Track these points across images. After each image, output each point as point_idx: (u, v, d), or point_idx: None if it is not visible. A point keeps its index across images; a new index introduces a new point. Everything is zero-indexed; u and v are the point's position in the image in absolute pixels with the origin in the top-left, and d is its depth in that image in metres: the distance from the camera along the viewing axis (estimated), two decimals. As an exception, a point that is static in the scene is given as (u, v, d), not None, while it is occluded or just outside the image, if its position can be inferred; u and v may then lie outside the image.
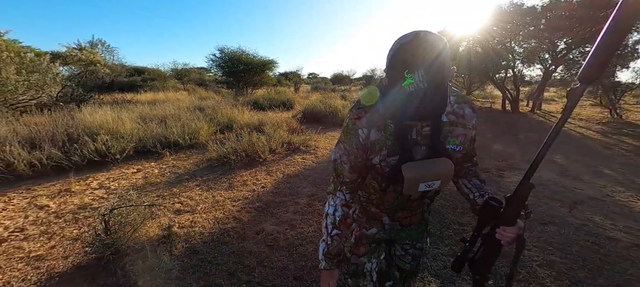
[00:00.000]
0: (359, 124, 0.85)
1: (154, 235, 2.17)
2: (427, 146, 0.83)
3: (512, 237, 0.77)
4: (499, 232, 0.80)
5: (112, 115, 4.82)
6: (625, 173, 4.00)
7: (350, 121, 0.88)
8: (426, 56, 0.67)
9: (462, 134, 0.84)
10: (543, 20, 8.77)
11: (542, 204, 2.83)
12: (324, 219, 0.97)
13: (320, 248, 0.94)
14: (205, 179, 3.38)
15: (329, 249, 0.92)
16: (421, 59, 0.67)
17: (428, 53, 0.67)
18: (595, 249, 2.06)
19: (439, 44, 0.68)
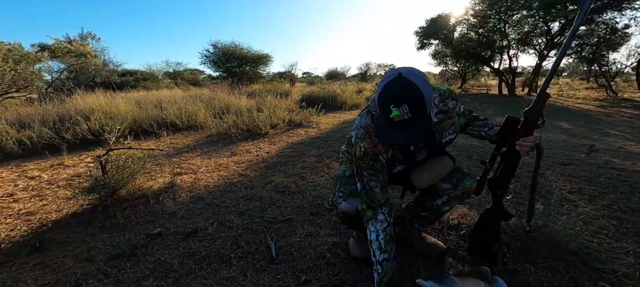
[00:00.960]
0: (377, 150, 0.91)
1: (156, 187, 2.01)
2: (426, 148, 1.00)
3: (531, 144, 0.90)
4: (519, 143, 0.92)
5: (105, 100, 4.64)
6: (632, 132, 3.96)
7: (368, 149, 0.90)
8: (409, 94, 0.72)
9: (452, 124, 1.00)
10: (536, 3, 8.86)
11: (557, 152, 2.75)
12: (369, 247, 0.95)
13: (375, 280, 0.89)
14: (206, 150, 3.22)
15: (381, 278, 0.87)
16: (404, 97, 0.72)
17: (410, 92, 0.72)
18: (623, 179, 1.97)
19: (420, 83, 0.74)
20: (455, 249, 1.25)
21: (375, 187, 0.93)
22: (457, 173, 1.07)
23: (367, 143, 0.91)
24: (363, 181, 0.95)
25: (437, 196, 1.09)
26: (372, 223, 0.94)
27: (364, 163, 0.93)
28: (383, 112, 0.77)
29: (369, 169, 0.93)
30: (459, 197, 1.08)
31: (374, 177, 0.93)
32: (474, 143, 3.08)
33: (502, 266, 1.12)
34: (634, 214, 1.50)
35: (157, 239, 1.40)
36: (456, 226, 1.42)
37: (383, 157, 0.94)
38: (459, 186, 1.05)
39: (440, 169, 0.99)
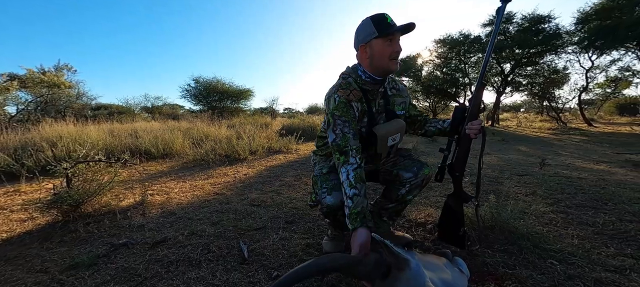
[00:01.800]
0: (351, 99, 1.05)
1: (125, 204, 1.93)
2: (385, 113, 1.15)
3: (478, 127, 1.06)
4: (468, 127, 1.06)
5: (75, 128, 4.46)
6: (580, 152, 4.43)
7: (343, 98, 1.05)
8: None
9: (402, 102, 1.20)
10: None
11: (516, 167, 3.01)
12: (341, 189, 1.02)
13: (346, 212, 0.96)
14: (181, 175, 3.15)
15: (350, 211, 0.94)
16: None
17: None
18: (569, 183, 2.20)
19: None
20: (422, 242, 1.31)
21: (348, 134, 1.01)
22: (417, 163, 1.19)
23: (342, 93, 1.05)
24: (336, 131, 1.03)
25: (401, 185, 1.19)
26: (344, 166, 0.99)
27: (338, 112, 1.03)
28: (379, 19, 0.98)
29: (342, 117, 1.02)
30: (420, 185, 1.18)
31: (348, 124, 1.02)
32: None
33: (467, 248, 1.19)
34: (578, 209, 1.67)
35: (121, 248, 1.33)
36: (423, 223, 1.50)
37: (355, 106, 1.05)
38: (419, 174, 1.16)
39: (393, 125, 1.12)
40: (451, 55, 10.86)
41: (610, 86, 12.78)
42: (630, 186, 2.13)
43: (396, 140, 1.14)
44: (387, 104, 1.15)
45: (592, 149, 4.87)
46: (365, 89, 1.08)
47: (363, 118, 1.10)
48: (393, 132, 1.11)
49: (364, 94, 1.08)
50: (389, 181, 1.26)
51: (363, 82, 1.07)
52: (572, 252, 1.16)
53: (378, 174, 1.29)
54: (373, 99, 1.11)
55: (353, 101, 1.05)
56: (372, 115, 1.11)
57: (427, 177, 1.19)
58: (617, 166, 3.18)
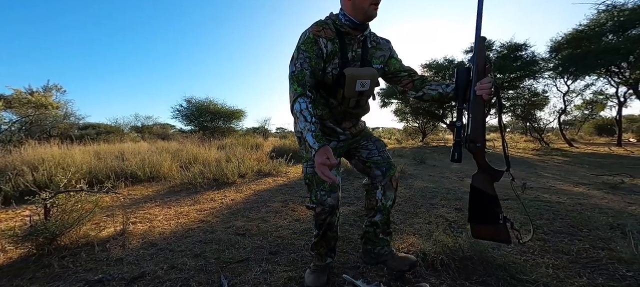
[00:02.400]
0: (320, 35, 1.09)
1: (105, 235, 1.87)
2: (360, 62, 1.16)
3: (489, 85, 0.95)
4: (479, 88, 0.96)
5: (59, 151, 4.36)
6: (561, 174, 4.59)
7: (311, 33, 1.09)
8: None
9: (381, 55, 1.20)
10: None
11: (499, 191, 3.08)
12: (299, 115, 1.04)
13: (309, 136, 0.98)
14: (167, 200, 3.09)
15: (315, 133, 0.98)
16: None
17: None
18: (548, 208, 2.27)
19: None
20: (428, 259, 1.34)
21: (305, 69, 1.06)
22: (386, 162, 1.26)
23: (314, 29, 1.09)
24: (296, 64, 1.08)
25: (374, 186, 1.25)
26: (302, 97, 1.04)
27: (304, 46, 1.08)
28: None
29: (305, 52, 1.07)
30: (391, 187, 1.25)
31: (307, 60, 1.07)
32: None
33: (517, 239, 1.07)
34: (555, 235, 1.72)
35: (97, 285, 1.28)
36: (406, 252, 1.51)
37: (323, 42, 1.09)
38: (386, 174, 1.23)
39: (364, 70, 1.11)
40: (437, 78, 11.30)
41: (587, 108, 13.49)
42: (604, 210, 2.22)
43: (365, 86, 1.11)
44: (364, 55, 1.15)
45: (573, 170, 5.06)
46: (342, 32, 1.11)
47: (333, 58, 1.10)
48: (363, 76, 1.09)
49: (340, 37, 1.10)
50: (362, 169, 1.32)
51: (341, 25, 1.10)
52: (547, 283, 1.20)
53: (352, 154, 1.33)
54: (350, 44, 1.13)
55: (322, 37, 1.08)
56: (346, 59, 1.11)
57: (395, 178, 1.25)
58: (595, 188, 3.31)
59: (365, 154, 1.28)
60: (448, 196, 2.77)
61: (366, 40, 1.16)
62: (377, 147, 1.29)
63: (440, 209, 2.35)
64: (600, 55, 7.22)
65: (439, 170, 5.01)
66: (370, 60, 1.17)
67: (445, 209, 2.35)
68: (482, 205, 1.00)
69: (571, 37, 8.51)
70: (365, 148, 1.29)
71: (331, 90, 1.15)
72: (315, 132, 0.96)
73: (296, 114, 1.03)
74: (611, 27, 7.35)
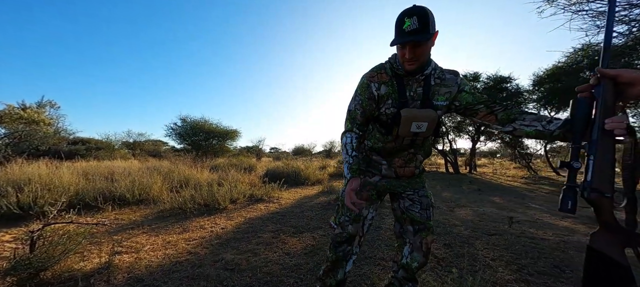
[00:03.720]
0: (372, 81, 1.17)
1: (89, 268, 1.82)
2: (420, 102, 1.13)
3: (624, 123, 0.71)
4: (608, 122, 0.72)
5: (47, 170, 4.27)
6: (548, 206, 4.70)
7: (366, 79, 1.20)
8: (419, 10, 0.99)
9: (446, 92, 1.14)
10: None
11: (488, 224, 3.14)
12: (343, 148, 1.21)
13: (345, 167, 1.15)
14: (155, 226, 3.03)
15: (351, 165, 1.14)
16: (415, 11, 0.98)
17: (420, 9, 0.99)
18: (533, 246, 2.32)
19: (428, 9, 1.00)
20: None
21: (358, 110, 1.20)
22: (424, 223, 1.21)
23: (368, 75, 1.18)
24: (352, 105, 1.22)
25: (403, 242, 1.26)
26: (350, 132, 1.20)
27: (359, 90, 1.19)
28: (398, 24, 1.00)
29: (360, 96, 1.19)
30: (420, 249, 1.19)
31: (361, 103, 1.19)
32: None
33: None
34: (539, 276, 1.76)
35: (78, 328, 1.25)
36: (394, 295, 1.52)
37: (375, 87, 1.16)
38: (417, 234, 1.20)
39: (422, 112, 1.10)
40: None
41: (571, 138, 13.95)
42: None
43: (421, 128, 1.11)
44: (426, 93, 1.12)
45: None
46: (399, 75, 1.13)
47: (387, 100, 1.14)
48: (420, 118, 1.09)
49: (397, 79, 1.13)
50: (398, 217, 1.31)
51: (397, 68, 1.12)
52: (530, 330, 1.22)
53: (395, 198, 1.30)
54: (408, 85, 1.13)
55: (374, 83, 1.16)
56: (405, 98, 1.13)
57: (427, 242, 1.19)
58: (580, 222, 3.40)
59: (407, 205, 1.25)
60: (438, 230, 2.81)
61: (429, 78, 1.13)
62: (421, 203, 1.24)
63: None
64: (580, 90, 7.62)
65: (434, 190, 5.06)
66: (433, 99, 1.13)
67: (434, 244, 2.38)
68: (608, 279, 0.70)
69: (551, 72, 9.02)
70: (409, 198, 1.25)
71: (388, 127, 1.18)
72: (351, 165, 1.13)
73: (342, 145, 1.21)
74: (587, 64, 7.84)
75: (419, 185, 1.27)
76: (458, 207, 4.32)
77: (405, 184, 1.26)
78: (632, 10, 2.74)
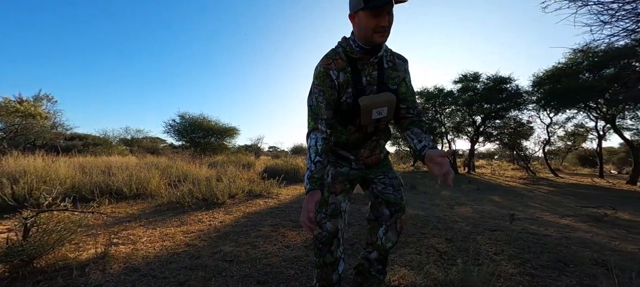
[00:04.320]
0: (330, 68, 1.09)
1: (84, 258, 1.78)
2: (376, 85, 1.10)
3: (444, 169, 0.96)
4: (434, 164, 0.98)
5: (42, 163, 4.21)
6: (547, 205, 4.69)
7: (322, 66, 1.11)
8: None
9: (396, 76, 1.13)
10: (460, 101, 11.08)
11: (488, 221, 3.12)
12: (307, 150, 1.08)
13: (306, 176, 1.01)
14: (152, 220, 2.98)
15: (312, 174, 1.00)
16: None
17: None
18: (536, 241, 2.30)
19: None
20: None
21: (321, 103, 1.06)
22: (398, 204, 1.21)
23: (324, 62, 1.08)
24: (312, 98, 1.08)
25: (378, 223, 1.23)
26: (314, 133, 1.05)
27: (317, 80, 1.08)
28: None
29: (319, 85, 1.07)
30: (395, 229, 1.20)
31: (322, 94, 1.07)
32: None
33: None
34: (543, 270, 1.74)
35: (72, 315, 1.21)
36: (396, 286, 1.50)
37: (334, 74, 1.07)
38: (394, 215, 1.20)
39: (381, 97, 1.07)
40: (428, 105, 11.70)
41: (570, 139, 14.06)
42: (589, 245, 2.27)
43: (382, 113, 1.08)
44: (381, 77, 1.09)
45: (558, 201, 5.18)
46: (353, 58, 1.07)
47: (346, 88, 1.08)
48: (379, 104, 1.06)
49: (352, 63, 1.07)
50: (372, 203, 1.28)
51: (351, 51, 1.06)
52: (536, 321, 1.20)
53: (368, 184, 1.27)
54: (363, 69, 1.08)
55: (332, 70, 1.07)
56: (361, 85, 1.08)
57: (402, 221, 1.21)
58: (580, 220, 3.39)
59: (380, 188, 1.23)
60: (439, 226, 2.78)
61: (382, 60, 1.10)
62: (393, 185, 1.23)
63: (431, 239, 2.35)
64: (578, 91, 7.68)
65: (429, 197, 5.05)
66: (387, 82, 1.11)
67: (436, 239, 2.35)
68: None
69: (551, 73, 9.05)
70: (381, 182, 1.24)
71: (348, 118, 1.14)
72: (313, 173, 0.99)
73: (307, 148, 1.08)
74: (587, 66, 7.88)
75: (387, 167, 1.28)
76: (457, 205, 4.30)
77: (376, 169, 1.26)
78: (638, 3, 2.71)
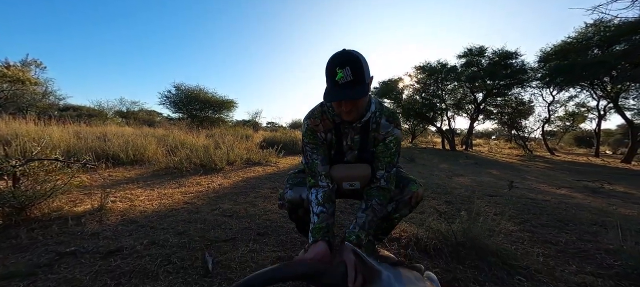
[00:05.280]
0: (318, 130, 1.06)
1: (80, 210, 1.75)
2: (357, 151, 1.07)
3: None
4: None
5: (35, 127, 4.11)
6: (544, 178, 4.73)
7: (309, 126, 1.07)
8: (351, 58, 0.86)
9: (378, 137, 1.06)
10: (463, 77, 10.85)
11: (487, 188, 3.13)
12: (309, 205, 1.03)
13: (310, 227, 0.96)
14: (150, 183, 2.95)
15: (314, 225, 0.95)
16: (347, 60, 0.86)
17: (351, 57, 0.87)
18: (534, 205, 2.31)
19: (359, 55, 0.89)
20: (404, 260, 1.29)
21: (316, 160, 1.05)
22: (403, 179, 1.14)
23: (311, 122, 1.06)
24: (306, 156, 1.07)
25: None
26: (314, 188, 1.03)
27: (307, 138, 1.06)
28: (329, 75, 0.88)
29: (310, 143, 1.06)
30: (408, 203, 1.11)
31: (315, 151, 1.05)
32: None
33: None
34: (542, 228, 1.74)
35: (68, 257, 1.19)
36: (397, 238, 1.49)
37: (321, 135, 1.06)
38: (405, 190, 1.11)
39: (354, 171, 1.05)
40: (430, 81, 11.47)
41: (568, 120, 14.04)
42: (588, 208, 2.28)
43: (354, 185, 1.06)
44: (364, 142, 1.05)
45: (554, 175, 5.23)
46: (337, 122, 1.04)
47: (332, 148, 1.09)
48: (351, 177, 1.05)
49: (336, 127, 1.05)
50: None
51: (333, 116, 1.03)
52: (538, 269, 1.20)
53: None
54: (346, 133, 1.06)
55: (320, 131, 1.06)
56: (341, 149, 1.07)
57: (415, 194, 1.10)
58: (577, 191, 3.41)
59: None
60: (438, 190, 2.78)
61: (367, 124, 1.04)
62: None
63: (431, 201, 2.35)
64: (586, 67, 7.50)
65: (428, 169, 5.06)
66: (371, 147, 1.07)
67: (436, 201, 2.35)
68: None
69: (559, 48, 8.79)
70: None
71: None
72: (315, 224, 0.95)
73: (309, 202, 1.03)
74: (597, 41, 7.64)
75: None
76: (456, 176, 4.32)
77: None
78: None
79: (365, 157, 1.07)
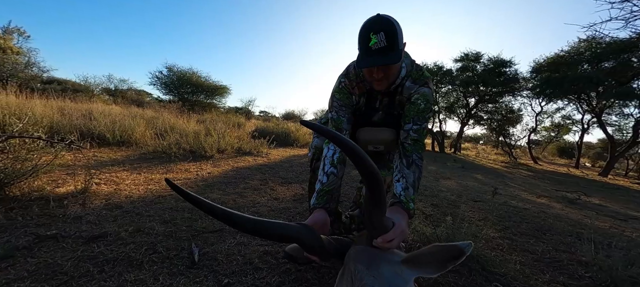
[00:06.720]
0: (353, 92, 1.08)
1: (62, 192, 1.70)
2: (384, 113, 1.11)
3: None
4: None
5: (16, 100, 3.92)
6: (526, 186, 4.90)
7: (345, 85, 1.08)
8: (386, 23, 0.85)
9: (403, 99, 1.07)
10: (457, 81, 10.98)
11: (472, 193, 3.22)
12: (322, 160, 1.04)
13: (316, 187, 0.98)
14: (136, 166, 2.88)
15: (322, 187, 0.96)
16: (382, 25, 0.85)
17: (387, 22, 0.85)
18: (516, 212, 2.40)
19: (394, 20, 0.88)
20: (406, 247, 1.32)
21: (342, 117, 1.08)
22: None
23: (347, 82, 1.08)
24: (333, 111, 1.10)
25: None
26: (333, 145, 1.04)
27: (339, 95, 1.08)
28: (362, 41, 0.87)
29: (340, 100, 1.08)
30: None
31: (343, 109, 1.08)
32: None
33: None
34: (522, 236, 1.81)
35: (49, 241, 1.16)
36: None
37: (356, 98, 1.10)
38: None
39: (379, 135, 1.11)
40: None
41: (554, 130, 14.49)
42: (565, 219, 2.38)
43: (379, 148, 1.14)
44: (391, 106, 1.09)
45: (536, 184, 5.42)
46: (368, 88, 1.08)
47: (360, 110, 1.13)
48: (376, 142, 1.12)
49: (369, 91, 1.08)
50: None
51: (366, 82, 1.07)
52: (514, 276, 1.25)
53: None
54: (376, 98, 1.10)
55: (355, 94, 1.08)
56: (370, 110, 1.11)
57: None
58: (555, 201, 3.55)
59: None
60: (425, 193, 2.84)
61: (396, 91, 1.05)
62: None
63: (418, 203, 2.40)
64: (575, 81, 7.73)
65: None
66: (397, 111, 1.09)
67: (422, 203, 2.40)
68: None
69: (552, 60, 9.01)
70: None
71: None
72: (323, 185, 0.97)
73: (323, 157, 1.06)
74: (588, 56, 7.87)
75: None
76: (443, 179, 4.41)
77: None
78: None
79: (389, 121, 1.11)
